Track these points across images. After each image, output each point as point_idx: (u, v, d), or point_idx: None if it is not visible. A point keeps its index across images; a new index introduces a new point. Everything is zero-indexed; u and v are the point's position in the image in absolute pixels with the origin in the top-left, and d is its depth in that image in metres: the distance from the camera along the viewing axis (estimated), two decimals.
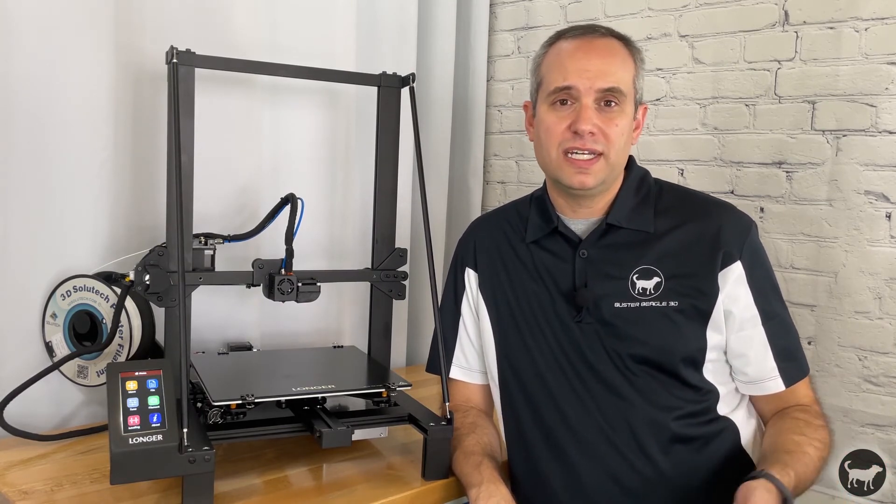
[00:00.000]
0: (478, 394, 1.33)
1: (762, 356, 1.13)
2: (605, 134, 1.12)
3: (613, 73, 1.12)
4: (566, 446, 1.14)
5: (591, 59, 1.13)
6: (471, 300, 1.30)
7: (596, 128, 1.11)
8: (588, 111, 1.11)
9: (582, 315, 1.16)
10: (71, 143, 1.33)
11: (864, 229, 1.48)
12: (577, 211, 1.21)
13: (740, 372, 1.15)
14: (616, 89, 1.12)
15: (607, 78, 1.11)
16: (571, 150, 1.13)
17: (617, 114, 1.13)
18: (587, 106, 1.11)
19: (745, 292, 1.12)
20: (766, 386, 1.13)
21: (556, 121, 1.14)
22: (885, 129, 1.46)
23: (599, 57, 1.13)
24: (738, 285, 1.12)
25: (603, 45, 1.14)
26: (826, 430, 1.12)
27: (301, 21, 1.59)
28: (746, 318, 1.12)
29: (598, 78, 1.11)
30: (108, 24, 1.35)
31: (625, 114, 1.13)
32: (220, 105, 1.45)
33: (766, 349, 1.12)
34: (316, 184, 1.65)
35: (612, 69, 1.12)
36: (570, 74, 1.12)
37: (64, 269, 1.34)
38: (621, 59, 1.14)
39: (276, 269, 1.27)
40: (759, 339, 1.12)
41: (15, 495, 1.07)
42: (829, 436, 1.12)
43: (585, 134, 1.11)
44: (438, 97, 1.97)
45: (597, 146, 1.12)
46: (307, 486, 1.17)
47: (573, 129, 1.12)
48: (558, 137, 1.14)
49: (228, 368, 1.32)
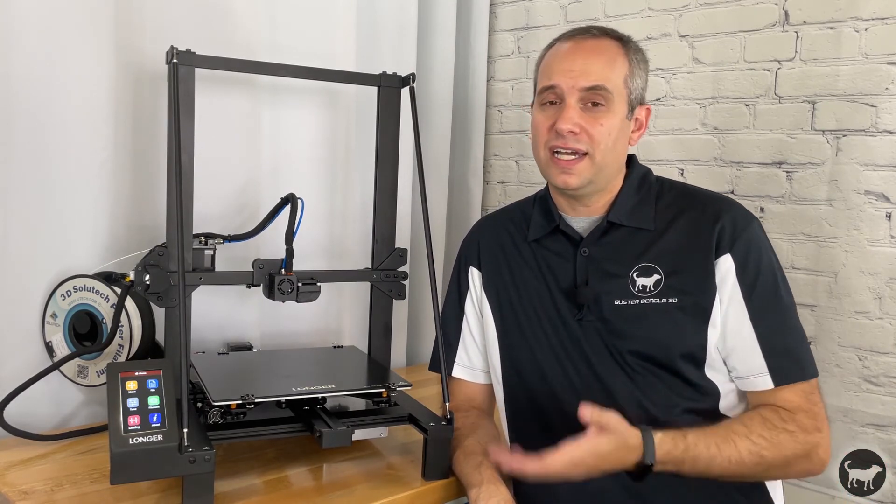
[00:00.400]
0: (480, 393, 1.33)
1: (750, 352, 1.11)
2: (589, 134, 1.12)
3: (597, 72, 1.12)
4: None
5: (576, 60, 1.13)
6: (474, 299, 1.31)
7: (578, 127, 1.12)
8: (570, 111, 1.12)
9: (583, 313, 1.16)
10: (71, 143, 1.32)
11: (864, 229, 1.48)
12: (576, 209, 1.21)
13: (732, 368, 1.13)
14: (600, 87, 1.12)
15: (590, 77, 1.12)
16: (555, 148, 1.14)
17: (603, 114, 1.13)
18: (569, 105, 1.12)
19: (734, 285, 1.11)
20: (754, 383, 1.11)
21: (543, 120, 1.16)
22: (885, 129, 1.46)
23: (584, 57, 1.13)
24: (727, 278, 1.11)
25: (592, 46, 1.15)
26: (791, 436, 1.06)
27: (301, 21, 1.59)
28: (735, 312, 1.11)
29: (580, 77, 1.12)
30: (108, 24, 1.35)
31: (612, 113, 1.13)
32: (220, 105, 1.45)
33: (754, 345, 1.10)
34: (316, 184, 1.65)
35: (596, 68, 1.12)
36: (554, 74, 1.14)
37: (64, 269, 1.34)
38: (608, 59, 1.14)
39: (276, 269, 1.27)
40: (748, 334, 1.10)
41: (15, 495, 1.07)
42: (794, 443, 1.05)
43: (565, 133, 1.12)
44: (438, 97, 1.97)
45: (579, 146, 1.12)
46: (307, 486, 1.17)
47: (554, 128, 1.13)
48: (544, 137, 1.16)
49: (228, 368, 1.31)
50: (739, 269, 1.11)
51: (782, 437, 1.06)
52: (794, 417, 1.08)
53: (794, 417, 1.08)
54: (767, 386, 1.10)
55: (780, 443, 1.05)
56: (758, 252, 1.13)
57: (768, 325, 1.11)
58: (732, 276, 1.11)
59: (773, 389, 1.10)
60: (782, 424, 1.07)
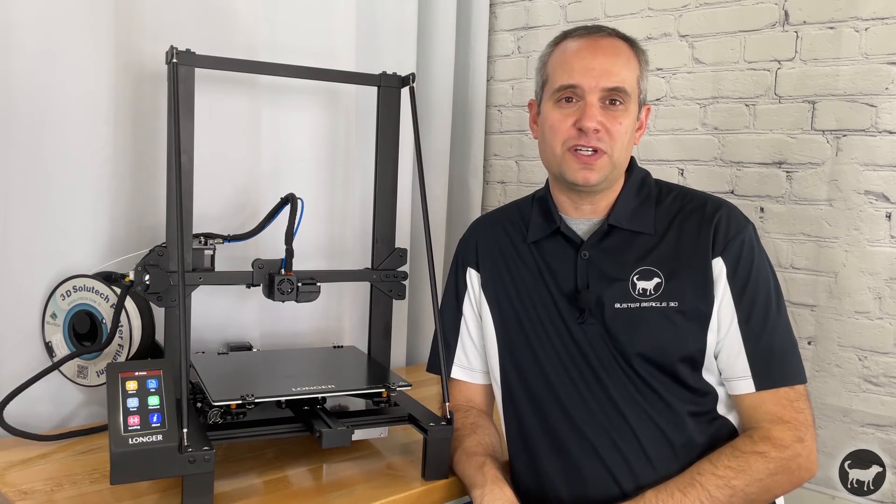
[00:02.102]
0: (479, 394, 1.33)
1: (735, 354, 1.11)
2: (609, 132, 1.13)
3: (618, 73, 1.13)
4: (570, 446, 1.14)
5: (596, 58, 1.14)
6: (473, 300, 1.31)
7: (601, 125, 1.12)
8: (593, 109, 1.12)
9: (584, 316, 1.16)
10: (71, 143, 1.32)
11: (864, 229, 1.48)
12: (579, 208, 1.21)
13: (720, 369, 1.14)
14: (621, 89, 1.13)
15: (612, 77, 1.12)
16: (576, 147, 1.14)
17: (621, 112, 1.14)
18: (592, 104, 1.12)
19: (724, 288, 1.11)
20: (737, 386, 1.11)
21: (561, 118, 1.15)
22: (885, 129, 1.46)
23: (605, 56, 1.14)
24: (719, 280, 1.12)
25: (608, 45, 1.15)
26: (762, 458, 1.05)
27: (301, 21, 1.59)
28: (723, 314, 1.11)
29: (603, 77, 1.12)
30: (108, 23, 1.35)
31: (629, 113, 1.14)
32: (220, 105, 1.45)
33: (739, 348, 1.11)
34: (316, 184, 1.65)
35: (617, 69, 1.13)
36: (575, 73, 1.14)
37: (64, 269, 1.34)
38: (626, 59, 1.15)
39: (276, 269, 1.27)
40: (734, 336, 1.11)
41: (15, 495, 1.07)
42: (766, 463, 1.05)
43: (590, 131, 1.12)
44: (438, 97, 1.97)
45: (601, 144, 1.13)
46: (307, 486, 1.17)
47: (578, 126, 1.13)
48: (563, 135, 1.15)
49: (228, 368, 1.31)
50: (730, 272, 1.12)
51: (752, 460, 1.05)
52: (770, 434, 1.07)
53: (770, 434, 1.07)
54: (749, 389, 1.10)
55: (750, 467, 1.05)
56: (749, 256, 1.13)
57: (755, 328, 1.11)
58: (724, 279, 1.12)
59: (754, 393, 1.10)
60: (752, 448, 1.06)
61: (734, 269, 1.12)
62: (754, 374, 1.10)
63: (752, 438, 1.08)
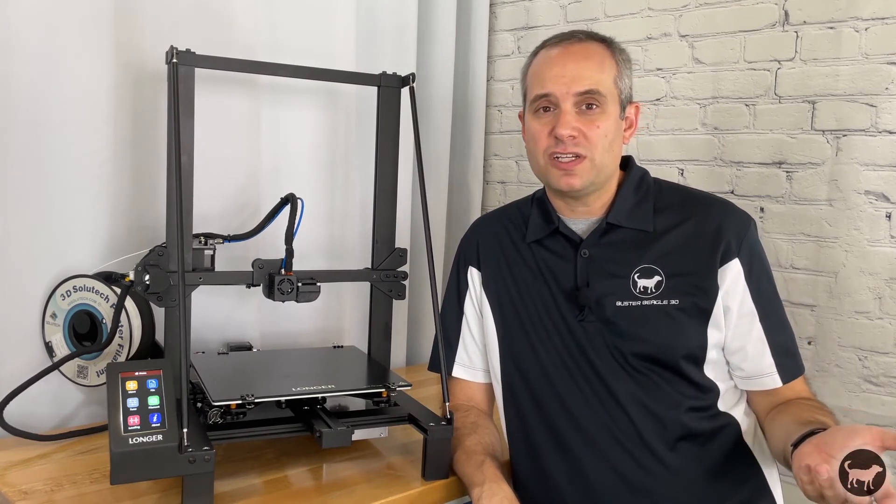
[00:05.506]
0: (480, 393, 1.33)
1: (760, 352, 1.14)
2: (586, 136, 1.14)
3: (589, 77, 1.14)
4: (572, 444, 1.15)
5: (566, 65, 1.15)
6: (474, 299, 1.31)
7: (576, 131, 1.13)
8: (567, 116, 1.13)
9: (584, 314, 1.17)
10: (71, 143, 1.32)
11: (864, 229, 1.48)
12: (575, 210, 1.22)
13: (738, 368, 1.16)
14: (594, 91, 1.13)
15: (583, 81, 1.13)
16: (555, 154, 1.15)
17: (598, 115, 1.14)
18: (566, 111, 1.14)
19: (744, 289, 1.13)
20: (764, 382, 1.14)
21: (540, 128, 1.17)
22: (885, 129, 1.46)
23: (574, 62, 1.15)
24: (736, 282, 1.13)
25: (578, 50, 1.16)
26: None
27: (301, 21, 1.59)
28: (744, 314, 1.13)
29: (573, 82, 1.13)
30: (108, 24, 1.35)
31: (607, 115, 1.15)
32: (220, 105, 1.45)
33: (763, 345, 1.14)
34: (316, 184, 1.65)
35: (588, 72, 1.14)
36: (547, 82, 1.15)
37: (64, 269, 1.34)
38: (598, 62, 1.16)
39: (276, 269, 1.27)
40: (757, 335, 1.13)
41: (15, 495, 1.07)
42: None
43: (565, 138, 1.13)
44: (438, 97, 1.97)
45: (578, 149, 1.14)
46: (307, 486, 1.17)
47: (554, 134, 1.14)
48: (543, 143, 1.17)
49: (228, 368, 1.31)
50: (747, 272, 1.14)
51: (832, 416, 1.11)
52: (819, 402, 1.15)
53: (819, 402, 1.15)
54: (777, 384, 1.14)
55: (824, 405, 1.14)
56: (759, 254, 1.17)
57: (772, 324, 1.14)
58: (742, 280, 1.13)
59: (782, 387, 1.14)
60: (823, 407, 1.13)
61: (749, 269, 1.14)
62: (779, 367, 1.14)
63: (814, 401, 1.14)
